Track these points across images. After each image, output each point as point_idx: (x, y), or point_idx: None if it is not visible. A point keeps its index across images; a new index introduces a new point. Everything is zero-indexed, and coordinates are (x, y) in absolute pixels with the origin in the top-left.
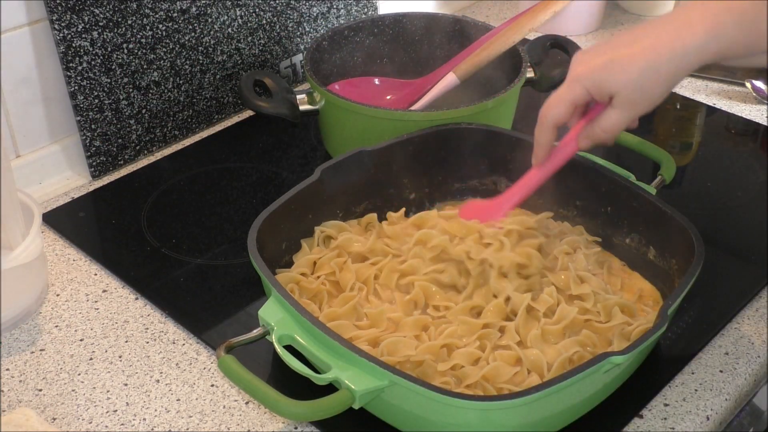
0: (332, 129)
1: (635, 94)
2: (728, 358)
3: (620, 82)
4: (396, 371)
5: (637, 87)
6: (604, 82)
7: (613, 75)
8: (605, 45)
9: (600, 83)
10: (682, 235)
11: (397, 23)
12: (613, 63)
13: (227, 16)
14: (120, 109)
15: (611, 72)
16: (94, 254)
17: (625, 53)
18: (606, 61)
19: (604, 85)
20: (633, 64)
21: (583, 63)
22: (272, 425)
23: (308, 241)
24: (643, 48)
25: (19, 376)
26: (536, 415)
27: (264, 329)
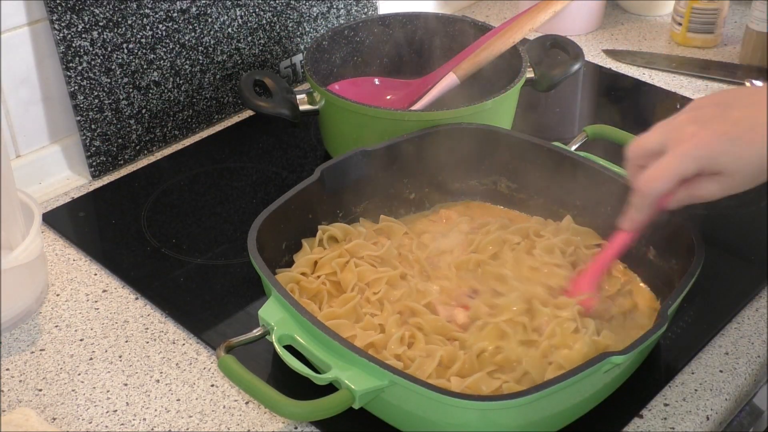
0: (332, 129)
1: (747, 178)
2: (728, 358)
3: (738, 165)
4: (396, 371)
5: (753, 171)
6: (721, 162)
7: (732, 158)
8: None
9: (715, 163)
10: (682, 235)
11: (397, 23)
12: (734, 145)
13: (227, 16)
14: (120, 109)
15: (731, 155)
16: (94, 254)
17: (748, 137)
18: (725, 141)
19: (719, 165)
20: (755, 150)
21: (697, 137)
22: (272, 425)
23: (309, 241)
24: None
25: (19, 376)
26: (536, 415)
27: (264, 329)
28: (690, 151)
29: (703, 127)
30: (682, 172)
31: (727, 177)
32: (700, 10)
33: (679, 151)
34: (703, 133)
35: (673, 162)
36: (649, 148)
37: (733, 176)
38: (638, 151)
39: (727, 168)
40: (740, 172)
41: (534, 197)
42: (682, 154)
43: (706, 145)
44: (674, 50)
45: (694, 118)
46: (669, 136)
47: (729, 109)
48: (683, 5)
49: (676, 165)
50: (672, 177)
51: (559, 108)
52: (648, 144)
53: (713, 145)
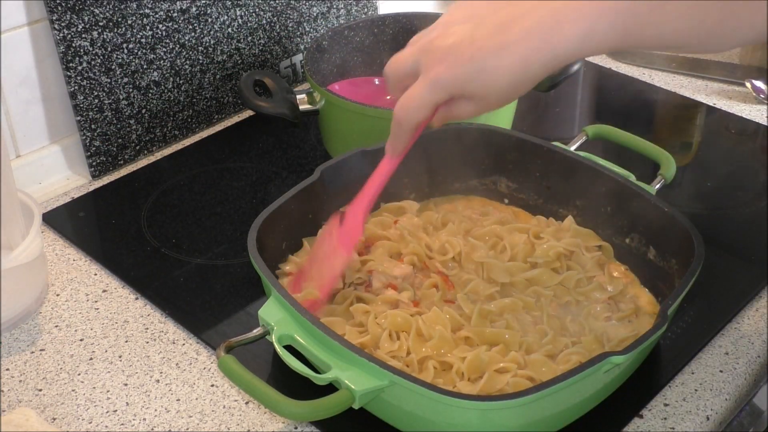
0: (332, 129)
1: (500, 99)
2: (728, 358)
3: (486, 91)
4: (396, 371)
5: (503, 94)
6: (471, 87)
7: (481, 84)
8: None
9: (464, 89)
10: (682, 235)
11: (397, 23)
12: (481, 73)
13: (227, 16)
14: (120, 109)
15: (478, 82)
16: (94, 254)
17: (493, 64)
18: (473, 69)
19: (468, 90)
20: (502, 75)
21: (444, 63)
22: (272, 425)
23: (310, 240)
24: (513, 60)
25: (19, 376)
26: (536, 415)
27: (264, 329)
28: (437, 79)
29: (450, 52)
30: (433, 101)
31: (478, 100)
32: None
33: (429, 79)
34: (450, 60)
35: (423, 91)
36: (404, 69)
37: (484, 99)
38: (394, 72)
39: (475, 93)
40: (490, 96)
41: (534, 197)
42: (431, 82)
43: (452, 74)
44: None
45: (444, 36)
46: (422, 57)
47: (477, 29)
48: None
49: (426, 94)
50: (424, 106)
51: (559, 108)
52: (402, 65)
53: (459, 73)
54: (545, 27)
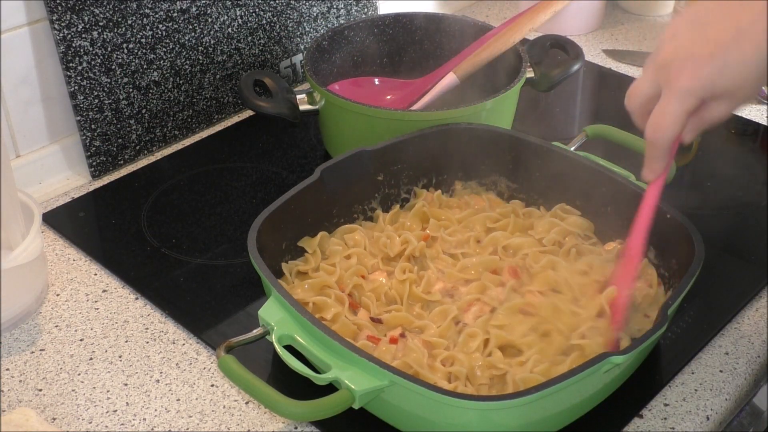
0: (332, 129)
1: (751, 89)
2: (728, 358)
3: (736, 84)
4: (396, 371)
5: (753, 82)
6: (720, 86)
7: (729, 78)
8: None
9: (715, 89)
10: (682, 235)
11: (397, 23)
12: (727, 66)
13: (227, 16)
14: (120, 109)
15: (727, 76)
16: (94, 254)
17: (736, 54)
18: (717, 65)
19: (719, 90)
20: (748, 62)
21: (686, 71)
22: (272, 425)
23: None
24: (755, 44)
25: (19, 376)
26: (536, 415)
27: (264, 329)
28: (684, 88)
29: (688, 58)
30: (684, 111)
31: (730, 96)
32: None
33: (675, 91)
34: (691, 65)
35: (673, 103)
36: (645, 95)
37: (736, 93)
38: (636, 101)
39: (725, 89)
40: (740, 88)
41: (534, 197)
42: (679, 93)
43: (699, 78)
44: None
45: (675, 49)
46: (659, 75)
47: (706, 28)
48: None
49: (677, 106)
50: (677, 120)
51: (559, 108)
52: (642, 91)
53: (706, 74)
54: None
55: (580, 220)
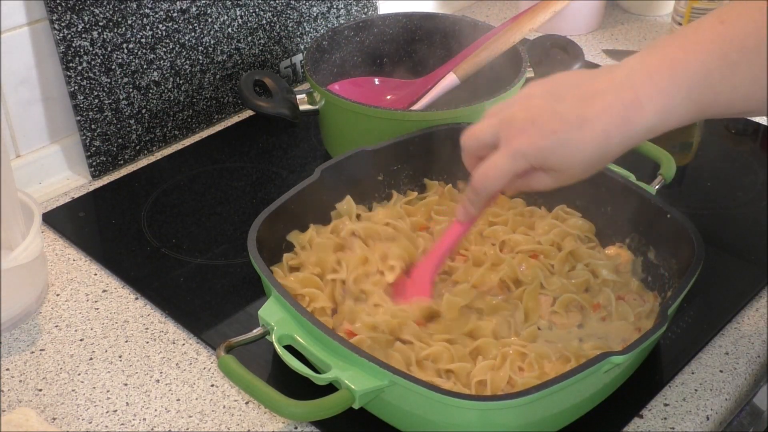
0: (332, 129)
1: (580, 173)
2: (728, 358)
3: (567, 163)
4: (396, 371)
5: (584, 168)
6: (551, 161)
7: (562, 157)
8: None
9: (546, 161)
10: (682, 235)
11: (397, 23)
12: (563, 146)
13: (227, 16)
14: (120, 109)
15: (560, 155)
16: (94, 254)
17: (576, 137)
18: (555, 141)
19: (549, 163)
20: (583, 149)
21: (526, 134)
22: (272, 425)
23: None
24: (594, 134)
25: (19, 376)
26: (536, 415)
27: (264, 329)
28: (520, 149)
29: (532, 124)
30: (513, 171)
31: (558, 172)
32: (700, 10)
33: (510, 149)
34: (532, 131)
35: (504, 161)
36: (482, 140)
37: (564, 172)
38: (472, 143)
39: (555, 166)
40: (570, 169)
41: (534, 197)
42: (513, 152)
43: (535, 145)
44: None
45: (525, 109)
46: (501, 128)
47: (559, 103)
48: (683, 5)
49: (507, 164)
50: (503, 176)
51: None
52: (481, 135)
53: (542, 145)
54: (625, 102)
55: (581, 221)
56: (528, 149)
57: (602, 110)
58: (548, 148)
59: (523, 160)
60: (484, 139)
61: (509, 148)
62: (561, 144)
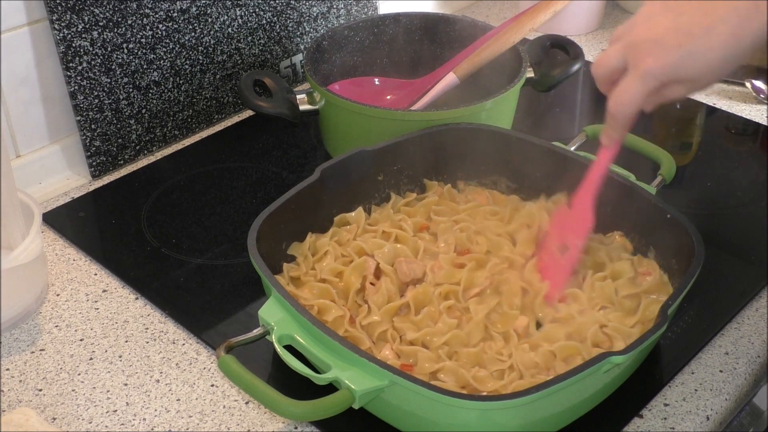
0: (332, 129)
1: (712, 78)
2: (728, 358)
3: (699, 73)
4: (396, 371)
5: (715, 72)
6: (683, 73)
7: (693, 68)
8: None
9: (677, 75)
10: (682, 235)
11: (397, 23)
12: (692, 56)
13: (227, 16)
14: (120, 109)
15: (691, 65)
16: (94, 254)
17: (706, 45)
18: (683, 55)
19: (681, 76)
20: (713, 56)
21: (654, 54)
22: (272, 425)
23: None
24: (723, 39)
25: (19, 376)
26: (536, 415)
27: (264, 329)
28: (649, 71)
29: (656, 43)
30: (645, 92)
31: (691, 82)
32: None
33: (639, 72)
34: (658, 50)
35: (636, 83)
36: (612, 66)
37: (696, 81)
38: (603, 70)
39: (687, 76)
40: (702, 77)
41: (534, 197)
42: (642, 74)
43: (663, 63)
44: None
45: (648, 29)
46: (628, 52)
47: (680, 16)
48: None
49: (639, 85)
50: (637, 99)
51: (559, 108)
52: (610, 62)
53: (669, 62)
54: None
55: None
56: (656, 69)
57: (728, 12)
58: (676, 64)
59: (654, 79)
60: (613, 65)
61: (638, 70)
62: (689, 56)
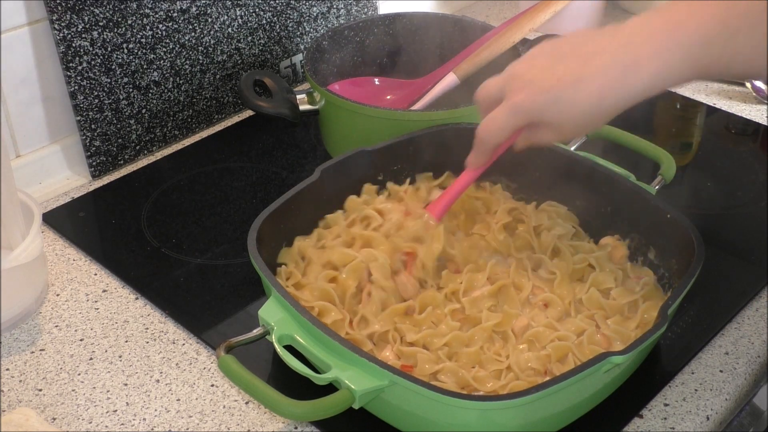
0: (332, 129)
1: (576, 129)
2: (728, 358)
3: (564, 118)
4: (396, 371)
5: (579, 124)
6: (548, 115)
7: (558, 112)
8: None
9: (543, 116)
10: (682, 235)
11: (397, 23)
12: (559, 101)
13: (227, 16)
14: (120, 109)
15: (554, 110)
16: (94, 254)
17: (569, 95)
18: (550, 99)
19: (546, 118)
20: (577, 106)
21: (525, 91)
22: (272, 425)
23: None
24: (590, 92)
25: (19, 376)
26: (536, 415)
27: (264, 329)
28: (518, 105)
29: (531, 82)
30: (512, 125)
31: (556, 128)
32: None
33: (509, 105)
34: (530, 88)
35: (503, 115)
36: (492, 94)
37: (561, 127)
38: (483, 95)
39: (552, 121)
40: (566, 124)
41: (534, 197)
42: (511, 107)
43: (531, 101)
44: None
45: (529, 68)
46: (507, 83)
47: (558, 62)
48: None
49: (508, 117)
50: (505, 128)
51: None
52: (490, 90)
53: (537, 101)
54: (623, 63)
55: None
56: (525, 105)
57: (598, 70)
58: (543, 104)
59: (521, 114)
60: (494, 94)
61: (509, 102)
62: (555, 101)
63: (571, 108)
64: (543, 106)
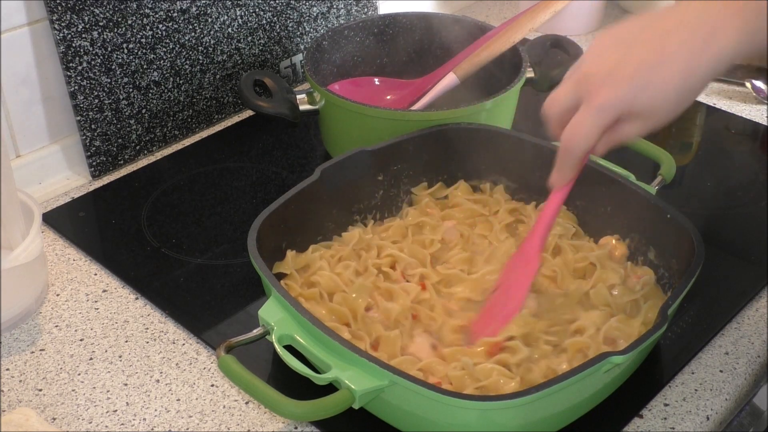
0: (332, 129)
1: (669, 112)
2: (728, 358)
3: (656, 104)
4: (396, 371)
5: (671, 106)
6: (638, 106)
7: (649, 98)
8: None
9: (632, 108)
10: (682, 235)
11: (397, 23)
12: (647, 88)
13: (227, 16)
14: (120, 109)
15: (646, 96)
16: (94, 254)
17: (659, 77)
18: (640, 85)
19: (637, 107)
20: (666, 88)
21: (606, 87)
22: (272, 425)
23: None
24: (677, 70)
25: (19, 376)
26: (536, 415)
27: (264, 329)
28: (603, 103)
29: (609, 75)
30: (601, 125)
31: (646, 117)
32: None
33: (593, 105)
34: (610, 82)
35: (590, 117)
36: (564, 106)
37: (652, 115)
38: (555, 109)
39: (643, 109)
40: (657, 110)
41: (534, 197)
42: (596, 107)
43: (617, 95)
44: None
45: (600, 64)
46: (580, 88)
47: (630, 50)
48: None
49: (594, 120)
50: (592, 133)
51: None
52: (562, 100)
53: (624, 93)
54: (702, 33)
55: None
56: (610, 101)
57: (679, 45)
58: (631, 94)
59: (608, 112)
60: (566, 104)
61: (592, 104)
62: (643, 87)
63: (661, 90)
64: (632, 96)
